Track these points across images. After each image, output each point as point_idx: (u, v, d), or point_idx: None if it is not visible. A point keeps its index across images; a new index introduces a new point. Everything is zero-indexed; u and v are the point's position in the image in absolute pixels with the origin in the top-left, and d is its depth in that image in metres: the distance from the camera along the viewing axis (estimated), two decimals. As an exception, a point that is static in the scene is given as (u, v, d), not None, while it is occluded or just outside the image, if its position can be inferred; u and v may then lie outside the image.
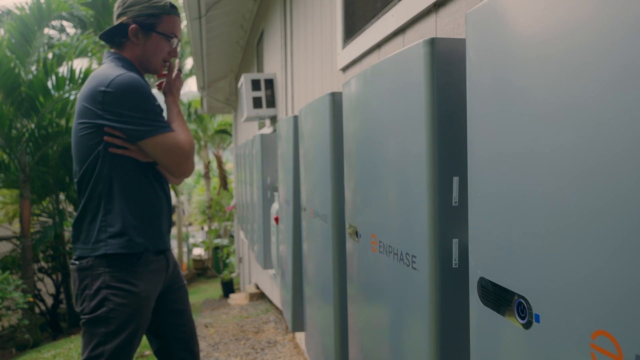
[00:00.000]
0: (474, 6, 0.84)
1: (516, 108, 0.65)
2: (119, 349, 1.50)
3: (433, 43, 0.89)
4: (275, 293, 4.47)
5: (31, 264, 6.36)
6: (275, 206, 3.04)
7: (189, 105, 13.81)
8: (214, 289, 10.99)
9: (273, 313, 4.73)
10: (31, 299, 6.07)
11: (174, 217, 14.29)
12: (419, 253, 0.93)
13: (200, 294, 10.69)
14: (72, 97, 6.58)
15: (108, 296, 1.50)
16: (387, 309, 1.10)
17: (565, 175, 0.56)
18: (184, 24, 8.31)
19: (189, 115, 14.07)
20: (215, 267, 12.24)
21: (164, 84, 1.77)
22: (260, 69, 5.32)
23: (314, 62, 2.76)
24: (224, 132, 14.41)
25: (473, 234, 0.76)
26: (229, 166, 16.40)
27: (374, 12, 1.75)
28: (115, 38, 1.66)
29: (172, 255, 1.74)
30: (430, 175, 0.90)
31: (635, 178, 0.47)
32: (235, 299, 6.00)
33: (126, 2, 1.64)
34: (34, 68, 6.58)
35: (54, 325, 7.25)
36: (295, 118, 2.11)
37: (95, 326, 1.50)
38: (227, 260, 10.04)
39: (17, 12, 6.52)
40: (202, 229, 18.03)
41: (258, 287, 5.86)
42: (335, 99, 1.53)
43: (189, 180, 22.56)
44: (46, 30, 6.67)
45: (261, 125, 5.18)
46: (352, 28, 2.02)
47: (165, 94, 1.77)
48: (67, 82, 6.32)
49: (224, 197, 13.00)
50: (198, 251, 14.68)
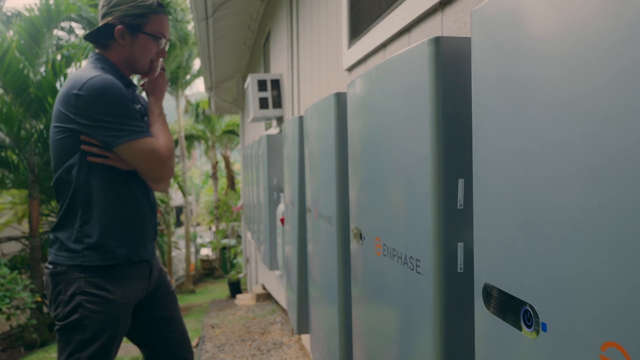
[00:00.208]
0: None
1: (523, 108, 0.63)
2: (94, 356, 1.45)
3: (438, 42, 0.86)
4: (282, 294, 4.45)
5: (40, 264, 6.40)
6: (281, 207, 3.03)
7: (197, 105, 13.87)
8: (221, 289, 11.02)
9: (279, 314, 4.72)
10: (39, 299, 6.10)
11: (182, 217, 14.33)
12: (423, 257, 0.91)
13: (208, 294, 10.73)
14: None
15: (82, 303, 1.44)
16: (391, 314, 1.08)
17: (575, 179, 0.54)
18: (190, 25, 8.33)
19: (197, 116, 14.12)
20: (223, 268, 12.27)
21: (145, 84, 1.68)
22: (267, 70, 5.31)
23: (319, 63, 2.75)
24: (232, 133, 14.45)
25: (478, 238, 0.74)
26: (237, 166, 16.44)
27: (379, 12, 1.73)
28: (100, 39, 1.59)
29: (157, 262, 1.68)
30: (434, 177, 0.88)
31: (647, 182, 0.45)
32: (242, 299, 6.00)
33: (111, 2, 1.57)
34: (42, 69, 6.63)
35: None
36: (301, 119, 2.10)
37: (70, 333, 1.44)
38: (235, 261, 10.06)
39: (27, 14, 6.56)
40: (210, 229, 18.11)
41: (265, 288, 5.85)
42: (340, 100, 1.51)
43: (197, 180, 22.64)
44: (55, 31, 6.71)
45: (268, 126, 5.17)
46: (358, 28, 2.00)
47: (147, 94, 1.68)
48: (76, 83, 6.34)
49: (232, 198, 13.03)
50: (205, 251, 14.73)
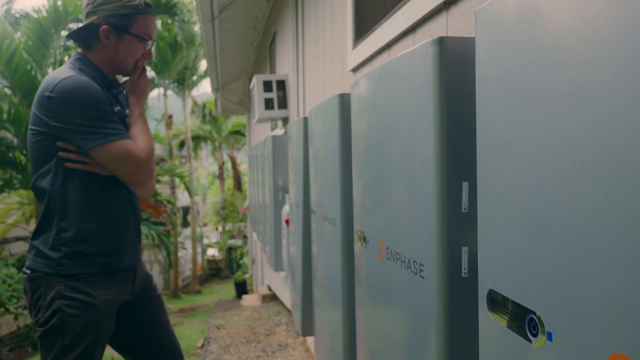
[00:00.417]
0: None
1: (528, 109, 0.61)
2: None
3: (442, 42, 0.85)
4: (287, 295, 4.45)
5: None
6: (286, 208, 3.02)
7: (204, 106, 13.89)
8: (227, 289, 11.03)
9: (285, 315, 4.71)
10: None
11: (189, 218, 14.37)
12: (427, 261, 0.89)
13: (214, 295, 10.74)
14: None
15: (62, 307, 1.40)
16: (395, 318, 1.07)
17: (584, 183, 0.52)
18: (197, 26, 8.34)
19: (204, 116, 14.14)
20: (229, 268, 12.29)
21: (127, 83, 1.61)
22: (272, 70, 5.31)
23: (325, 63, 2.73)
24: (239, 133, 14.47)
25: (482, 243, 0.72)
26: (243, 167, 16.46)
27: (384, 12, 1.71)
28: (84, 39, 1.52)
29: (143, 265, 1.65)
30: (438, 180, 0.86)
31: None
32: (248, 300, 6.00)
33: (96, 0, 1.50)
34: (50, 70, 6.67)
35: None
36: (305, 120, 2.08)
37: (52, 338, 1.40)
38: (241, 261, 10.07)
39: (35, 15, 6.61)
40: (217, 229, 18.14)
41: (270, 289, 5.85)
42: (344, 101, 1.50)
43: (204, 181, 22.68)
44: (63, 33, 6.73)
45: (273, 127, 5.17)
46: (363, 28, 1.98)
47: (128, 94, 1.61)
48: (83, 84, 6.37)
49: (238, 198, 13.05)
50: (212, 252, 14.76)
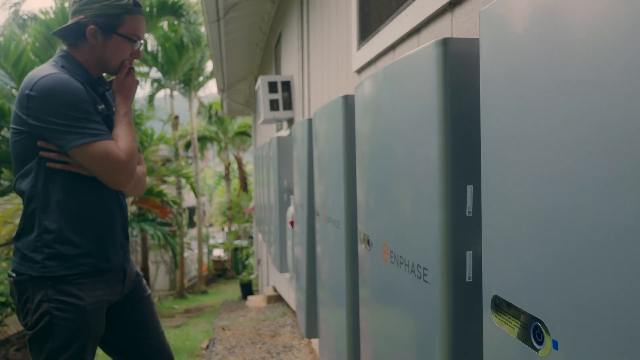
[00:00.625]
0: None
1: (533, 111, 0.60)
2: None
3: (446, 43, 0.84)
4: (292, 296, 4.44)
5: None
6: (291, 209, 3.01)
7: (210, 107, 13.91)
8: (233, 290, 11.04)
9: (290, 316, 4.70)
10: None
11: (195, 218, 14.40)
12: (431, 265, 0.88)
13: (220, 295, 10.76)
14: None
15: (50, 310, 1.36)
16: (399, 322, 1.06)
17: (590, 186, 0.51)
18: (203, 27, 8.35)
19: (210, 117, 14.15)
20: (235, 269, 12.31)
21: (113, 82, 1.57)
22: (278, 71, 5.30)
23: (330, 64, 2.72)
24: (244, 134, 14.48)
25: (487, 248, 0.71)
26: (249, 168, 16.49)
27: (388, 12, 1.70)
28: (70, 37, 1.47)
29: (133, 265, 1.62)
30: (442, 184, 0.85)
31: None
32: (253, 301, 6.00)
33: None
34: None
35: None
36: (310, 121, 2.08)
37: (41, 342, 1.37)
38: (246, 262, 10.08)
39: (42, 17, 6.65)
40: (223, 230, 18.19)
41: (276, 290, 5.84)
42: (348, 102, 1.48)
43: (210, 181, 22.72)
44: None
45: (279, 128, 5.16)
46: (367, 29, 1.97)
47: (114, 93, 1.57)
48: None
49: (244, 199, 13.07)
50: (218, 252, 14.80)
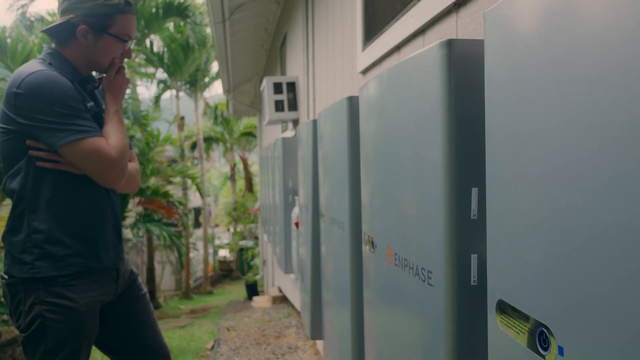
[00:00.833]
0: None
1: (538, 113, 0.59)
2: None
3: (450, 45, 0.83)
4: (297, 297, 4.44)
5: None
6: (296, 210, 3.01)
7: (216, 108, 13.93)
8: (238, 290, 11.06)
9: (295, 317, 4.70)
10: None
11: (201, 219, 14.44)
12: (435, 268, 0.87)
13: (225, 295, 10.78)
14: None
15: (43, 312, 1.35)
16: (403, 325, 1.05)
17: (597, 189, 0.50)
18: (209, 28, 8.36)
19: (216, 118, 14.17)
20: (240, 269, 12.32)
21: (103, 80, 1.55)
22: (283, 72, 5.31)
23: (334, 65, 2.72)
24: (250, 135, 14.50)
25: (491, 251, 0.70)
26: (255, 168, 16.50)
27: (393, 13, 1.69)
28: (59, 35, 1.45)
29: (127, 264, 1.60)
30: (447, 186, 0.84)
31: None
32: (259, 301, 6.00)
33: None
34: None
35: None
36: (315, 122, 2.07)
37: (34, 344, 1.36)
38: (252, 262, 10.09)
39: (49, 19, 6.69)
40: (228, 230, 18.22)
41: (281, 291, 5.84)
42: (353, 103, 1.48)
43: (216, 182, 22.75)
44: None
45: (284, 128, 5.16)
46: (372, 29, 1.97)
47: (104, 91, 1.55)
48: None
49: (249, 200, 13.08)
50: (223, 253, 14.83)
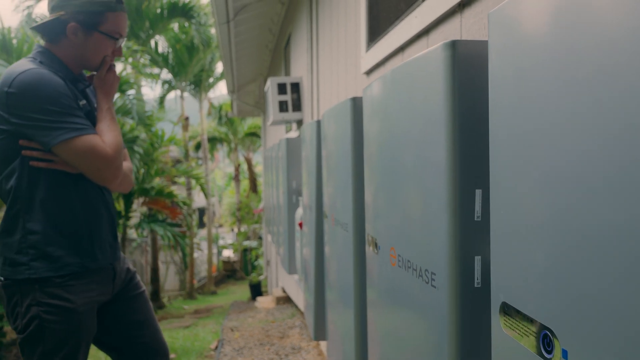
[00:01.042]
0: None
1: (542, 115, 0.59)
2: None
3: (454, 46, 0.83)
4: (301, 298, 4.44)
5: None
6: (299, 211, 3.01)
7: (220, 108, 13.95)
8: (242, 290, 11.07)
9: (298, 318, 4.70)
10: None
11: (205, 219, 14.47)
12: (439, 270, 0.87)
13: (229, 296, 10.79)
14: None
15: (40, 314, 1.34)
16: (406, 326, 1.05)
17: (601, 190, 0.49)
18: (213, 29, 8.37)
19: (220, 118, 14.19)
20: (244, 269, 12.34)
21: (94, 78, 1.53)
22: (287, 73, 5.31)
23: (338, 66, 2.72)
24: (254, 135, 14.51)
25: (495, 253, 0.70)
26: (259, 169, 16.51)
27: (397, 14, 1.69)
28: (49, 33, 1.44)
29: (124, 263, 1.59)
30: (451, 187, 0.84)
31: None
32: (262, 302, 6.00)
33: None
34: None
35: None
36: (318, 123, 2.07)
37: (32, 345, 1.35)
38: (256, 263, 10.09)
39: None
40: (232, 230, 18.24)
41: (284, 291, 5.84)
42: (356, 104, 1.48)
43: (220, 182, 22.78)
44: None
45: (288, 129, 5.17)
46: (376, 30, 1.96)
47: (95, 89, 1.53)
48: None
49: (253, 200, 13.10)
50: (227, 253, 14.85)
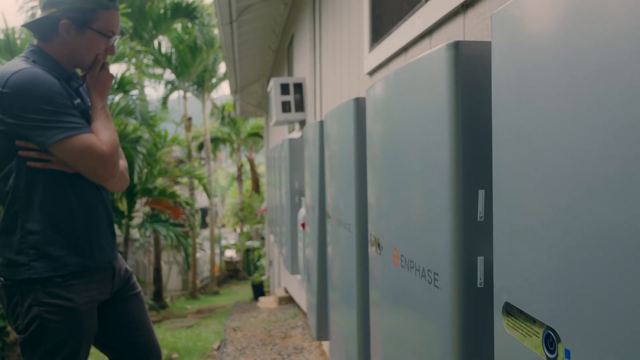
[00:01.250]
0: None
1: (545, 115, 0.59)
2: None
3: (457, 46, 0.83)
4: (303, 298, 4.44)
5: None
6: (302, 211, 3.01)
7: (223, 108, 13.96)
8: (245, 291, 11.08)
9: (301, 318, 4.70)
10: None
11: (207, 219, 14.48)
12: (442, 270, 0.87)
13: (232, 296, 10.80)
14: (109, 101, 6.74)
15: (41, 314, 1.34)
16: (409, 326, 1.05)
17: (604, 191, 0.50)
18: (216, 29, 8.38)
19: (223, 118, 14.19)
20: (247, 270, 12.35)
21: (88, 77, 1.53)
22: (290, 73, 5.32)
23: (342, 66, 2.72)
24: (257, 135, 14.52)
25: (498, 253, 0.70)
26: (262, 169, 16.52)
27: (400, 14, 1.69)
28: (41, 31, 1.43)
29: (122, 262, 1.60)
30: (454, 188, 0.84)
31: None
32: (265, 302, 6.01)
33: None
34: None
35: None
36: (321, 123, 2.07)
37: (33, 345, 1.35)
38: (258, 263, 10.10)
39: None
40: (235, 231, 18.26)
41: (287, 291, 5.85)
42: (359, 105, 1.48)
43: (223, 182, 22.81)
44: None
45: (291, 129, 5.17)
46: (379, 31, 1.97)
47: (89, 88, 1.52)
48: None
49: (256, 200, 13.10)
50: (230, 253, 14.86)
